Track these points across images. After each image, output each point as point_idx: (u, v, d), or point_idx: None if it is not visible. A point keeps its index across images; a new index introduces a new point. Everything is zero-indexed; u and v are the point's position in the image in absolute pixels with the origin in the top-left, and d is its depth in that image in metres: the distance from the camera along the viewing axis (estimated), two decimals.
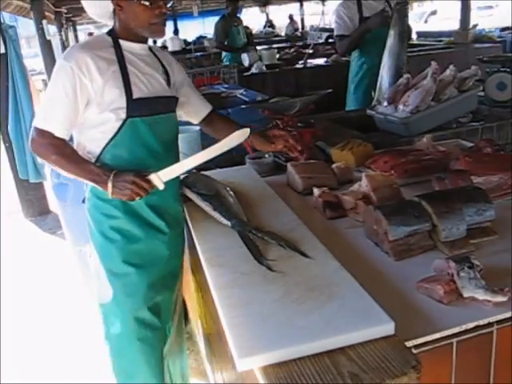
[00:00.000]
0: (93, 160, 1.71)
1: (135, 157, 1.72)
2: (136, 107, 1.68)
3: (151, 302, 1.85)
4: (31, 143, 1.68)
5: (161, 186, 1.64)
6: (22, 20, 7.06)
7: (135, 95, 1.68)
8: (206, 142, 2.44)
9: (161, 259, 1.86)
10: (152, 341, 1.89)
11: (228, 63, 6.46)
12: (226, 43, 6.85)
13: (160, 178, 1.63)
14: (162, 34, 1.74)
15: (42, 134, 1.64)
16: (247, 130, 1.73)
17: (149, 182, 1.62)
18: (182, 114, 1.99)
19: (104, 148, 1.70)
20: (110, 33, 1.75)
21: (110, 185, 1.62)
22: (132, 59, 1.72)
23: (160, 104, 1.78)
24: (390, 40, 3.15)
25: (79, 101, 1.63)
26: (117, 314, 1.85)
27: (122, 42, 1.72)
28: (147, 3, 1.62)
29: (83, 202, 1.87)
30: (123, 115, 1.67)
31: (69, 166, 1.68)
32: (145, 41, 1.78)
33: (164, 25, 1.72)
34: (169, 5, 1.66)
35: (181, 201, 1.90)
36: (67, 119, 1.65)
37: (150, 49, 1.83)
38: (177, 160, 1.82)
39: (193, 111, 2.02)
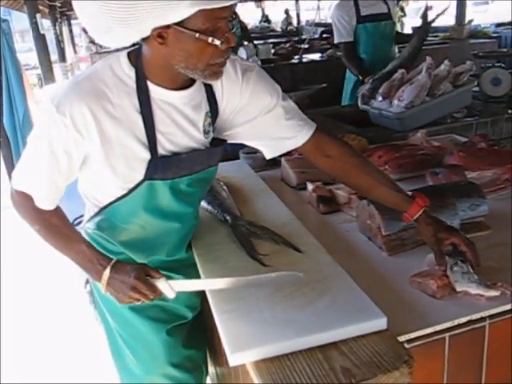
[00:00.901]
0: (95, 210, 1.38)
1: (145, 222, 1.37)
2: (158, 168, 1.27)
3: (177, 359, 1.53)
4: (12, 202, 1.33)
5: (171, 296, 1.24)
6: (15, 14, 7.02)
7: (161, 152, 1.27)
8: None
9: (180, 318, 1.55)
10: None
11: None
12: None
13: (171, 287, 1.23)
14: (219, 77, 1.21)
15: (22, 195, 1.29)
16: (300, 276, 1.17)
17: (154, 289, 1.22)
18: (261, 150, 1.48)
19: (107, 206, 1.35)
20: (135, 62, 1.22)
21: (104, 279, 1.25)
22: (162, 116, 1.25)
23: (192, 161, 1.33)
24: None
25: (74, 162, 1.24)
26: (135, 377, 1.55)
27: (151, 86, 1.22)
28: (218, 43, 1.10)
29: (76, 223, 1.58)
30: (139, 176, 1.27)
31: (54, 241, 1.34)
32: (186, 85, 1.27)
33: (225, 65, 1.20)
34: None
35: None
36: (54, 187, 1.26)
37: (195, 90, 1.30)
38: (195, 219, 1.49)
39: (274, 145, 1.43)
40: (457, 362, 1.15)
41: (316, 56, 6.74)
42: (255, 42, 7.59)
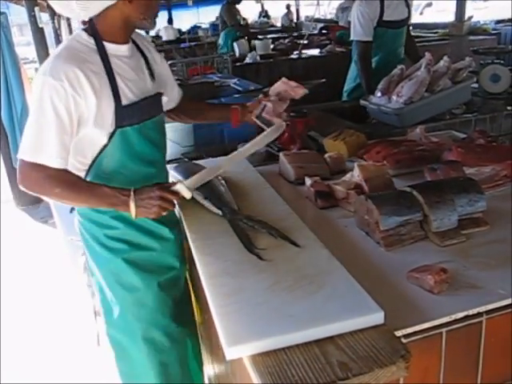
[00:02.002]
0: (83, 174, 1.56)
1: (127, 169, 1.58)
2: (126, 115, 1.52)
3: (167, 316, 1.72)
4: (22, 181, 1.43)
5: (188, 196, 1.47)
6: (13, 7, 6.98)
7: (124, 102, 1.52)
8: (199, 130, 2.42)
9: (170, 269, 1.73)
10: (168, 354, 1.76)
11: (226, 51, 6.49)
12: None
13: (187, 187, 1.46)
14: (155, 25, 1.61)
15: (33, 167, 1.41)
16: (283, 124, 1.68)
17: (176, 193, 1.45)
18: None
19: (91, 165, 1.56)
20: (90, 31, 1.52)
21: (132, 205, 1.42)
22: (118, 64, 1.54)
23: (150, 107, 1.62)
24: None
25: (74, 123, 1.45)
26: (125, 330, 1.71)
27: (107, 44, 1.53)
28: None
29: (71, 211, 1.72)
30: (112, 126, 1.51)
31: (78, 195, 1.48)
32: (127, 41, 1.60)
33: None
34: None
35: None
36: (63, 146, 1.43)
37: (132, 40, 1.64)
38: (162, 164, 1.75)
39: (170, 97, 1.86)
40: (453, 357, 1.15)
41: (315, 52, 6.74)
42: (255, 37, 7.60)
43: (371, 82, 3.22)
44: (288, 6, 14.07)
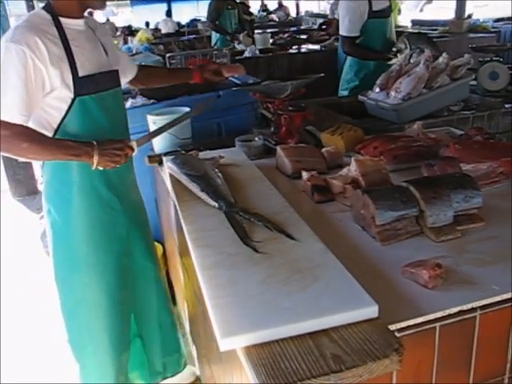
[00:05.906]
0: None
1: (87, 136, 1.71)
2: (83, 85, 1.68)
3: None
4: None
5: (136, 148, 1.77)
6: None
7: (81, 73, 1.68)
8: (196, 123, 2.42)
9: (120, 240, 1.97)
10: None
11: (219, 45, 6.50)
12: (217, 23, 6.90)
13: (136, 144, 1.77)
14: (105, 6, 1.82)
15: None
16: (209, 104, 2.09)
17: (131, 148, 1.74)
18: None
19: (56, 131, 1.71)
20: (47, 9, 1.69)
21: (96, 154, 1.64)
22: (74, 36, 1.70)
23: (105, 80, 1.80)
24: None
25: (34, 84, 1.59)
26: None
27: (63, 19, 1.69)
28: None
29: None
30: (71, 94, 1.67)
31: (44, 148, 1.62)
32: (82, 16, 1.78)
33: None
34: None
35: (133, 168, 2.03)
36: (24, 103, 1.57)
37: (85, 22, 1.82)
38: (127, 136, 1.94)
39: (127, 71, 2.12)
40: (447, 352, 1.15)
41: (314, 47, 6.73)
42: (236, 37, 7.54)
43: (376, 52, 3.38)
44: (280, 3, 13.94)
